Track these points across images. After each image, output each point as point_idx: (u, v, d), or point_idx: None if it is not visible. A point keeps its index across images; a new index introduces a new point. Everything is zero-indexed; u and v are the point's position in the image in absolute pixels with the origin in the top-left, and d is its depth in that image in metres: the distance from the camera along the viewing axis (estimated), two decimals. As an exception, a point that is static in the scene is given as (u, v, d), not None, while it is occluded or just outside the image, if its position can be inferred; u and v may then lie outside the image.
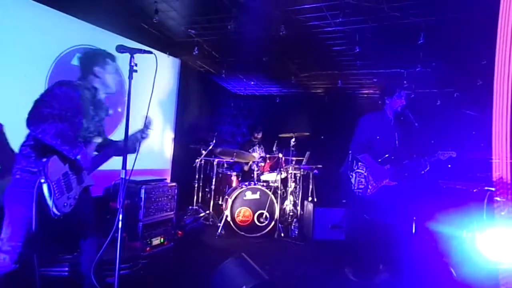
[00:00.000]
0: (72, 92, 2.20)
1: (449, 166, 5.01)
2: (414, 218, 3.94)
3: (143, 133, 2.55)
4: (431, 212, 4.24)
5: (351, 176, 3.61)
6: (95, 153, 2.42)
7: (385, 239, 3.50)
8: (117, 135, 4.71)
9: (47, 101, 2.07)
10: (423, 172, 3.60)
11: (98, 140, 2.42)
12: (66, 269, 2.86)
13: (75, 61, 4.14)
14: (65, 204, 2.17)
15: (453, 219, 3.97)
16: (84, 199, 2.39)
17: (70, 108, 2.16)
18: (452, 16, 3.57)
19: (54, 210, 2.08)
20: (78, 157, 2.12)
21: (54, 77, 3.85)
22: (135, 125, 2.20)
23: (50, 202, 2.06)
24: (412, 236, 4.21)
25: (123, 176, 2.09)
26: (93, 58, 2.42)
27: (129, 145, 2.40)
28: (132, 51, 2.17)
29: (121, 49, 2.17)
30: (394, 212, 3.53)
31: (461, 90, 5.61)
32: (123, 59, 3.86)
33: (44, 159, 2.04)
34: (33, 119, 2.01)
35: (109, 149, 2.49)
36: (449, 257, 3.76)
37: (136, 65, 2.17)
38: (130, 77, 2.16)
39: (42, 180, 2.03)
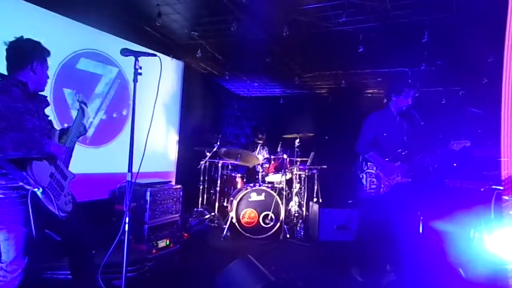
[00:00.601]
0: (5, 96, 1.99)
1: (455, 165, 4.98)
2: (421, 218, 3.91)
3: (83, 112, 2.44)
4: (438, 212, 4.21)
5: (361, 177, 3.58)
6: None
7: (397, 239, 3.46)
8: (122, 137, 4.73)
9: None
10: (435, 166, 3.56)
11: (56, 130, 2.31)
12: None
13: (80, 65, 4.17)
14: (66, 202, 2.20)
15: (460, 219, 3.94)
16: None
17: (12, 115, 1.98)
18: (456, 14, 3.55)
19: (60, 213, 2.10)
20: (54, 153, 2.07)
21: (59, 80, 3.87)
22: (141, 127, 2.20)
23: (52, 207, 2.06)
24: (419, 236, 4.18)
25: (129, 179, 2.09)
26: (30, 50, 2.20)
27: (79, 127, 2.38)
28: (137, 54, 2.18)
29: (125, 52, 2.17)
30: (409, 210, 3.50)
31: (467, 88, 5.57)
32: (127, 63, 3.87)
33: (25, 170, 1.94)
34: None
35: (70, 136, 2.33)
36: (457, 257, 3.73)
37: (140, 68, 2.18)
38: (135, 80, 2.17)
39: (36, 189, 1.98)
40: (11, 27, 3.38)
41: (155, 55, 2.24)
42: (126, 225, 2.08)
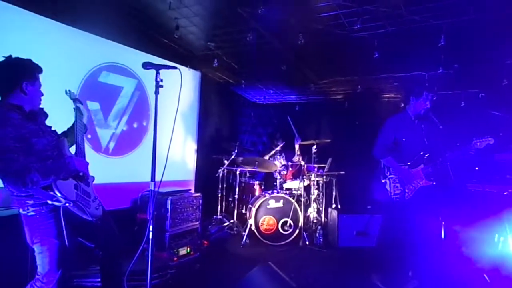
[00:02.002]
0: (6, 126, 1.95)
1: (477, 168, 4.88)
2: (443, 223, 3.86)
3: (80, 110, 2.50)
4: (460, 217, 4.14)
5: (385, 183, 3.57)
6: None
7: (420, 245, 3.42)
8: (143, 147, 4.83)
9: (1, 159, 1.91)
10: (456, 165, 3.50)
11: (64, 138, 2.33)
12: (99, 279, 2.94)
13: (102, 78, 4.30)
14: (96, 207, 2.31)
15: (484, 223, 3.87)
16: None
17: (19, 143, 1.97)
18: (473, 16, 3.51)
19: (93, 219, 2.25)
20: (80, 170, 2.21)
21: (83, 93, 4.00)
22: (160, 137, 2.26)
23: (86, 216, 2.18)
24: (442, 242, 4.12)
25: (152, 188, 2.15)
26: (18, 70, 2.13)
27: (81, 127, 2.45)
28: (158, 67, 2.24)
29: (147, 65, 2.24)
30: (434, 213, 3.45)
31: (486, 91, 5.48)
32: (146, 74, 3.97)
33: (51, 190, 2.02)
34: (13, 186, 1.97)
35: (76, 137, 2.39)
36: (482, 263, 3.65)
37: (162, 80, 2.24)
38: (157, 92, 2.23)
39: (67, 204, 2.08)
40: (36, 43, 3.55)
41: (176, 68, 2.31)
42: (150, 233, 2.13)
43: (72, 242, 2.15)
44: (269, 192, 5.29)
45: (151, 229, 2.13)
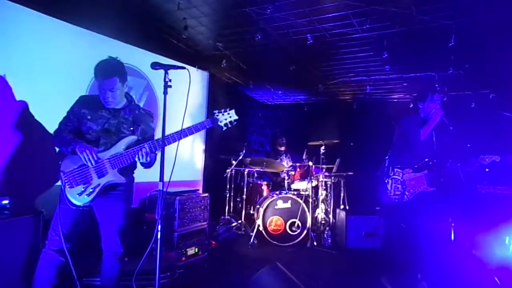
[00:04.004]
0: (79, 105, 2.55)
1: (487, 170, 4.82)
2: (453, 224, 3.82)
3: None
4: (471, 219, 4.09)
5: (387, 182, 3.55)
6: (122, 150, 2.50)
7: (423, 247, 3.41)
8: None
9: (63, 118, 2.56)
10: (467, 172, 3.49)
11: (129, 138, 2.54)
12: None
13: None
14: (79, 194, 2.36)
15: (494, 225, 3.82)
16: (109, 200, 2.53)
17: (77, 119, 2.53)
18: (484, 16, 3.47)
19: (68, 197, 2.35)
20: (77, 150, 2.34)
21: (91, 93, 4.03)
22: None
23: (62, 192, 2.38)
24: (452, 244, 4.08)
25: (161, 188, 2.16)
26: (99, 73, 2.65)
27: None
28: (167, 68, 2.24)
29: (156, 66, 2.24)
30: (432, 218, 3.44)
31: (497, 91, 5.41)
32: (154, 75, 3.99)
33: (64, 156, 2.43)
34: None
35: (134, 148, 2.51)
36: (492, 265, 3.61)
37: (170, 80, 2.25)
38: (165, 93, 2.23)
39: (61, 173, 2.38)
40: (45, 44, 3.59)
41: (184, 68, 2.31)
42: (159, 233, 2.14)
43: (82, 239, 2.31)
44: (277, 192, 5.28)
45: (159, 229, 2.13)
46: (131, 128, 2.60)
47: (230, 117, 2.80)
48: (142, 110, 2.74)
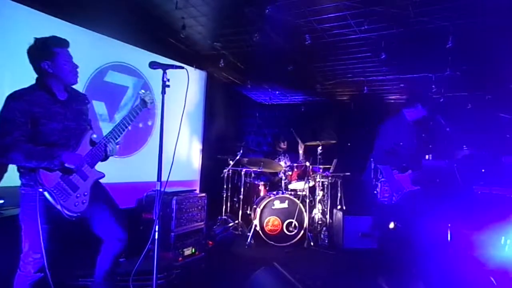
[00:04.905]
0: (19, 104, 2.06)
1: (483, 170, 4.84)
2: (449, 225, 3.83)
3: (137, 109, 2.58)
4: (467, 219, 4.11)
5: (376, 185, 3.60)
6: (90, 147, 2.35)
7: (416, 246, 3.45)
8: (148, 147, 4.84)
9: (3, 127, 2.03)
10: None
11: (89, 133, 2.37)
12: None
13: (108, 78, 4.32)
14: (76, 203, 2.19)
15: (490, 226, 3.84)
16: (97, 194, 2.39)
17: (28, 121, 2.07)
18: (481, 18, 3.49)
19: (66, 212, 2.12)
20: (66, 164, 2.10)
21: (89, 92, 4.00)
22: (166, 137, 2.26)
23: (58, 207, 2.09)
24: (448, 244, 4.09)
25: (159, 188, 2.15)
26: (37, 53, 2.18)
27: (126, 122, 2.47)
28: (165, 67, 2.23)
29: (154, 65, 2.23)
30: (422, 216, 3.49)
31: (493, 93, 5.44)
32: (152, 74, 3.97)
33: (35, 173, 2.06)
34: (0, 153, 2.02)
35: (111, 132, 2.42)
36: (488, 265, 3.62)
37: (168, 80, 2.24)
38: (163, 92, 2.22)
39: (41, 190, 2.05)
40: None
41: (183, 67, 2.31)
42: (156, 234, 2.13)
43: (48, 229, 2.13)
44: (274, 193, 5.28)
45: (156, 229, 2.12)
46: (85, 120, 2.42)
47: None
48: (80, 95, 2.49)
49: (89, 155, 2.30)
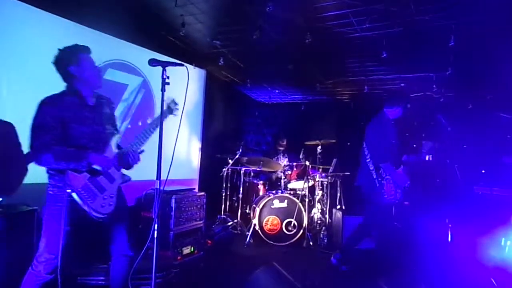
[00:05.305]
0: (51, 108, 2.17)
1: (483, 171, 4.83)
2: (450, 225, 3.82)
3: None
4: (467, 220, 4.10)
5: (382, 185, 3.60)
6: (116, 150, 2.40)
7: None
8: (147, 146, 4.80)
9: (35, 131, 2.13)
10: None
11: (116, 137, 2.42)
12: (102, 278, 2.93)
13: (107, 76, 4.28)
14: (103, 204, 2.23)
15: (491, 226, 3.83)
16: (121, 201, 2.45)
17: (58, 125, 2.16)
18: (483, 17, 3.46)
19: (94, 213, 2.16)
20: (94, 166, 2.18)
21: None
22: (165, 135, 2.23)
23: (86, 208, 2.13)
24: (449, 245, 4.08)
25: (158, 186, 2.12)
26: (64, 58, 2.29)
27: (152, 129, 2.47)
28: (164, 64, 2.19)
29: (153, 62, 2.20)
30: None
31: (494, 93, 5.41)
32: (151, 72, 3.95)
33: (63, 174, 2.12)
34: (32, 155, 2.14)
35: (135, 140, 2.46)
36: (488, 266, 3.61)
37: (168, 77, 2.21)
38: (163, 90, 2.19)
39: (69, 191, 2.10)
40: (41, 40, 3.54)
41: (183, 65, 2.27)
42: (155, 232, 2.10)
43: (72, 232, 2.15)
44: (274, 192, 5.25)
45: (156, 227, 2.10)
46: (113, 124, 2.48)
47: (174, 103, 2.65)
48: (105, 99, 2.54)
49: (116, 158, 2.35)
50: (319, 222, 5.64)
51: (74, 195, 2.11)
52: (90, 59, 2.36)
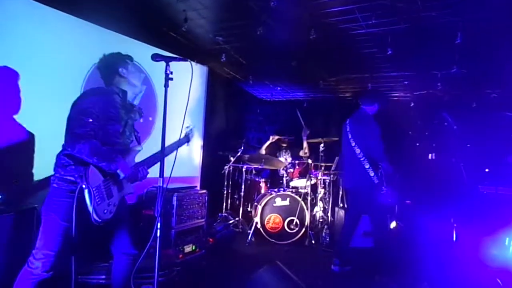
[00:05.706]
0: (100, 100, 2.19)
1: (487, 170, 4.79)
2: (455, 225, 3.79)
3: (180, 143, 2.77)
4: (472, 219, 4.06)
5: (381, 181, 3.60)
6: (135, 162, 2.41)
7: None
8: (149, 142, 4.76)
9: (79, 119, 2.09)
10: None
11: (138, 148, 2.46)
12: (103, 276, 2.90)
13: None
14: (105, 211, 2.15)
15: (495, 226, 3.79)
16: (122, 207, 2.38)
17: (102, 118, 2.15)
18: (491, 14, 3.41)
19: (95, 216, 2.06)
20: (119, 171, 2.17)
21: (88, 87, 3.93)
22: (168, 133, 2.18)
23: (90, 208, 2.04)
24: (454, 244, 4.05)
25: (161, 184, 2.08)
26: (113, 61, 2.42)
27: (167, 153, 2.44)
28: (168, 59, 2.15)
29: (156, 57, 2.15)
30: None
31: (499, 91, 5.36)
32: (153, 68, 3.90)
33: (85, 168, 2.05)
34: (68, 141, 2.08)
35: (149, 158, 2.49)
36: (493, 266, 3.58)
37: (171, 73, 2.16)
38: (166, 85, 2.14)
39: (84, 186, 2.02)
40: (41, 34, 3.49)
41: (186, 60, 2.22)
42: (158, 231, 2.06)
43: (79, 230, 2.08)
44: (276, 190, 5.22)
45: (158, 226, 2.05)
46: (136, 134, 2.53)
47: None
48: (136, 107, 2.55)
49: (132, 171, 2.32)
50: (321, 220, 5.61)
51: (86, 192, 2.03)
52: (135, 65, 2.52)
